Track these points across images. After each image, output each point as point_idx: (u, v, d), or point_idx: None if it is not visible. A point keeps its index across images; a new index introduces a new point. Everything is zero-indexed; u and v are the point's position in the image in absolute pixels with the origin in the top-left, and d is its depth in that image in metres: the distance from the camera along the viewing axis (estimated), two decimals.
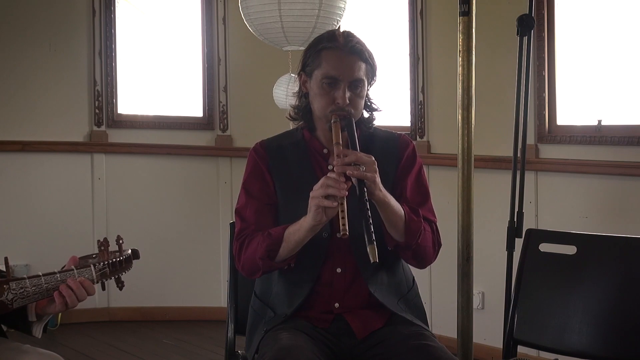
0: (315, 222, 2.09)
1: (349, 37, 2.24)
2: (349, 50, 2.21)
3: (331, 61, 2.21)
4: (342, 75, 2.20)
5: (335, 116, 2.19)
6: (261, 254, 2.19)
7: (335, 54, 2.21)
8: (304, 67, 2.29)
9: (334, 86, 2.21)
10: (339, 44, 2.22)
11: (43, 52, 4.85)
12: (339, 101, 2.20)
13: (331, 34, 2.28)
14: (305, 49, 2.32)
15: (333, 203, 2.03)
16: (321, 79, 2.22)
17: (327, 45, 2.23)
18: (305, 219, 2.12)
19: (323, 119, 2.25)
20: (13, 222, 4.83)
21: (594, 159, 3.69)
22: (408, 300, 2.32)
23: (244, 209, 2.30)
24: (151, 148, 5.00)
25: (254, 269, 2.25)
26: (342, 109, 2.20)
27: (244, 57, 4.97)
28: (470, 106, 2.41)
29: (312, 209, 2.07)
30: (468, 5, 2.37)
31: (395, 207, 2.17)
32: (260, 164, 2.32)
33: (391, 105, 4.46)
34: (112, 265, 2.04)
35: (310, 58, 2.26)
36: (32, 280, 1.96)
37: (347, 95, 2.20)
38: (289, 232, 2.16)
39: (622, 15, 3.69)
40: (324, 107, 2.22)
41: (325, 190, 2.05)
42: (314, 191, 2.08)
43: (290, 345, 2.07)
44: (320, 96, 2.23)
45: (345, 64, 2.21)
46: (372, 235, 2.00)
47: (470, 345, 2.50)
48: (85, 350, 4.39)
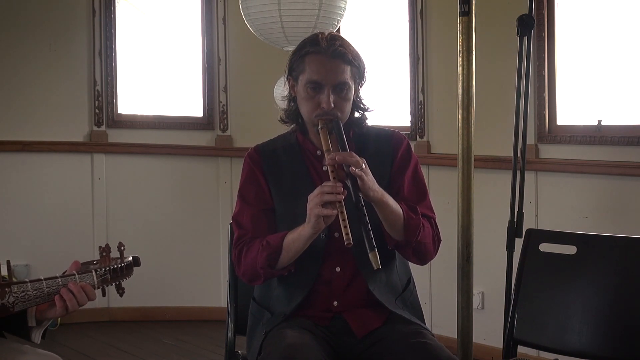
0: (315, 231, 2.11)
1: (331, 40, 2.23)
2: (331, 54, 2.20)
3: (314, 66, 2.22)
4: (325, 79, 2.21)
5: (321, 121, 2.20)
6: (261, 263, 2.20)
7: (318, 58, 2.22)
8: (290, 71, 2.30)
9: (318, 91, 2.21)
10: (321, 48, 2.21)
11: (43, 52, 4.85)
12: (324, 105, 2.20)
13: (314, 37, 2.27)
14: (290, 54, 2.33)
15: (332, 211, 2.04)
16: (305, 83, 2.23)
17: (310, 49, 2.23)
18: (304, 228, 2.12)
19: (310, 123, 2.27)
20: (13, 222, 4.83)
21: (594, 159, 3.69)
22: (405, 299, 2.33)
23: (240, 215, 2.31)
24: (151, 148, 5.00)
25: (254, 277, 2.27)
26: (327, 113, 2.20)
27: (244, 57, 4.96)
28: (470, 106, 2.42)
29: (312, 219, 2.08)
30: (468, 5, 2.37)
31: (393, 206, 2.17)
32: (255, 170, 2.33)
33: (391, 105, 4.46)
34: (113, 272, 2.05)
35: (295, 63, 2.27)
36: (33, 284, 1.96)
37: (331, 99, 2.20)
38: (288, 241, 2.17)
39: (622, 16, 3.69)
40: (310, 111, 2.24)
41: (322, 197, 2.05)
42: (310, 202, 2.08)
43: (297, 343, 2.07)
44: (306, 100, 2.24)
45: (327, 69, 2.21)
46: (372, 241, 2.01)
47: (470, 345, 2.51)
48: (85, 350, 4.39)
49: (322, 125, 2.19)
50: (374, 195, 2.12)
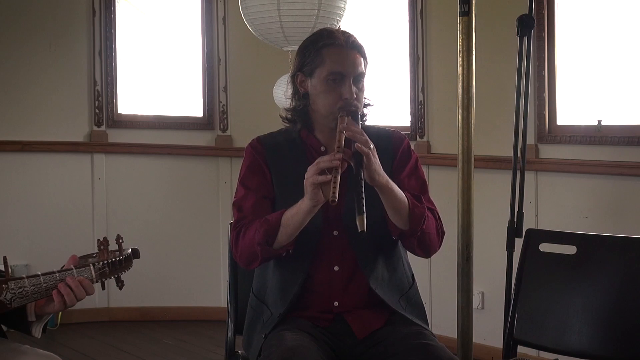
0: (313, 202, 2.09)
1: (346, 33, 2.30)
2: (350, 45, 2.25)
3: (335, 57, 2.23)
4: (347, 70, 2.23)
5: (342, 112, 2.21)
6: (259, 239, 2.17)
7: (338, 50, 2.24)
8: (302, 67, 2.29)
9: (339, 82, 2.23)
10: (340, 40, 2.25)
11: (43, 52, 4.85)
12: (347, 96, 2.22)
13: (329, 31, 2.31)
14: (299, 50, 2.33)
15: (327, 176, 2.04)
16: (326, 75, 2.23)
17: (327, 42, 2.25)
18: (302, 202, 2.11)
19: (330, 116, 2.25)
20: (13, 222, 4.83)
21: (594, 159, 3.69)
22: (409, 298, 2.32)
23: (242, 200, 2.30)
24: (151, 148, 5.00)
25: (251, 257, 2.24)
26: (350, 104, 2.22)
27: (244, 57, 4.97)
28: (470, 106, 2.42)
29: (309, 189, 2.07)
30: (468, 5, 2.37)
31: (398, 193, 2.16)
32: (258, 158, 2.32)
33: (391, 105, 4.46)
34: (112, 265, 2.04)
35: (310, 57, 2.27)
36: (30, 279, 1.96)
37: (352, 89, 2.22)
38: (287, 217, 2.16)
39: (622, 16, 3.69)
40: (332, 104, 2.24)
41: (317, 165, 2.06)
42: (307, 172, 2.09)
43: (296, 346, 2.07)
44: (326, 93, 2.24)
45: (349, 60, 2.24)
46: (363, 206, 2.00)
47: (470, 345, 2.50)
48: (85, 350, 4.39)
49: (341, 114, 2.20)
50: (379, 179, 2.11)
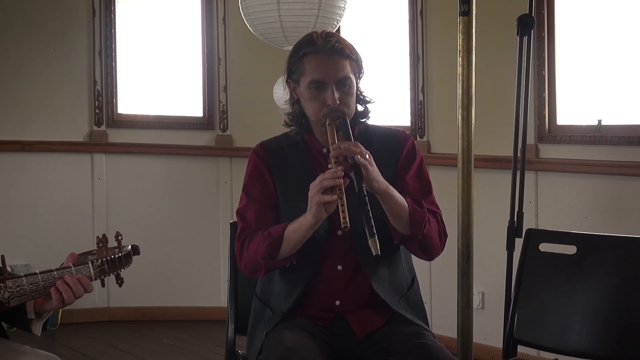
0: (316, 219, 2.10)
1: (327, 37, 2.24)
2: (328, 51, 2.21)
3: (314, 65, 2.22)
4: (327, 77, 2.21)
5: (328, 119, 2.20)
6: (262, 253, 2.19)
7: (317, 57, 2.22)
8: (290, 75, 2.30)
9: (321, 89, 2.22)
10: (318, 47, 2.22)
11: (43, 52, 4.85)
12: (329, 103, 2.21)
13: (309, 38, 2.27)
14: (287, 57, 2.32)
15: (332, 197, 2.04)
16: (308, 84, 2.23)
17: (307, 50, 2.23)
18: (305, 217, 2.12)
19: (317, 122, 2.27)
20: (13, 222, 4.84)
21: (594, 159, 3.69)
22: (409, 299, 2.33)
23: (245, 209, 2.31)
24: (151, 148, 5.00)
25: (256, 268, 2.26)
26: (334, 110, 2.21)
27: (244, 57, 4.96)
28: (470, 106, 2.41)
29: (313, 207, 2.08)
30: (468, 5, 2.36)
31: (398, 198, 2.17)
32: (261, 166, 2.33)
33: (391, 105, 4.46)
34: (111, 262, 2.04)
35: (294, 65, 2.27)
36: (28, 278, 1.96)
37: (336, 95, 2.21)
38: (289, 231, 2.17)
39: (622, 16, 3.69)
40: (317, 111, 2.24)
41: (321, 184, 2.06)
42: (311, 189, 2.09)
43: (295, 345, 2.07)
44: (310, 101, 2.24)
45: (328, 66, 2.21)
46: (372, 228, 2.01)
47: (470, 345, 2.50)
48: (85, 350, 4.39)
49: (329, 122, 2.20)
50: (379, 186, 2.12)
